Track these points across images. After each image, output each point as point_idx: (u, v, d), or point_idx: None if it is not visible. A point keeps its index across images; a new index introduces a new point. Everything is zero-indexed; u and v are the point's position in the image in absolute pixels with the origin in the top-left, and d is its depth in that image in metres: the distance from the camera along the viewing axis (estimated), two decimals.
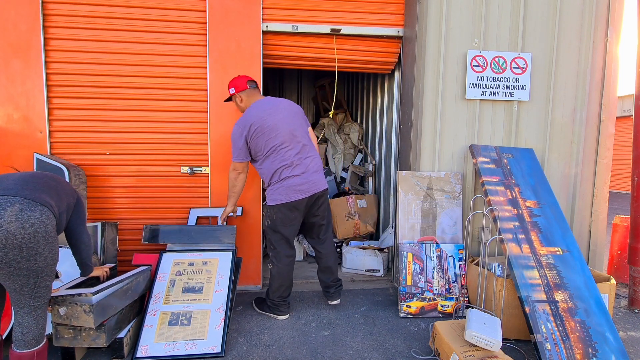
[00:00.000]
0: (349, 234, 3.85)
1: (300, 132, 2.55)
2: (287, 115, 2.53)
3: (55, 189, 1.76)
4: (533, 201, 2.70)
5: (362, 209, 3.90)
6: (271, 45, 3.12)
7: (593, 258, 3.14)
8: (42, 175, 1.80)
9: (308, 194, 2.49)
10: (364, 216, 3.91)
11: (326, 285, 2.77)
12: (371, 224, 3.93)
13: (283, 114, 2.52)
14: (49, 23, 2.83)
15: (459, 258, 2.79)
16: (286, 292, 2.64)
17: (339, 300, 2.80)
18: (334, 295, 2.77)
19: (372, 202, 4.01)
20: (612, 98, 3.09)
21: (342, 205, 3.83)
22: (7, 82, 2.79)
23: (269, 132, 2.46)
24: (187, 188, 3.07)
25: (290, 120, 2.53)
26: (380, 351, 2.28)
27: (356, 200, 3.90)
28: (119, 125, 2.97)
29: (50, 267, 1.66)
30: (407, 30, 3.16)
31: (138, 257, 2.68)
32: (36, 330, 1.66)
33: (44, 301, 1.68)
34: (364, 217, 3.90)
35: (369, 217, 3.94)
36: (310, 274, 3.51)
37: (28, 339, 1.64)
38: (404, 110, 3.30)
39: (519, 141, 3.06)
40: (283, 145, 2.47)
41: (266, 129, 2.45)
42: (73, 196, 1.88)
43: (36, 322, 1.66)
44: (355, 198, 3.91)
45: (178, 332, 2.23)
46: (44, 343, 1.71)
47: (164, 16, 2.93)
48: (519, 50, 2.99)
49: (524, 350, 2.30)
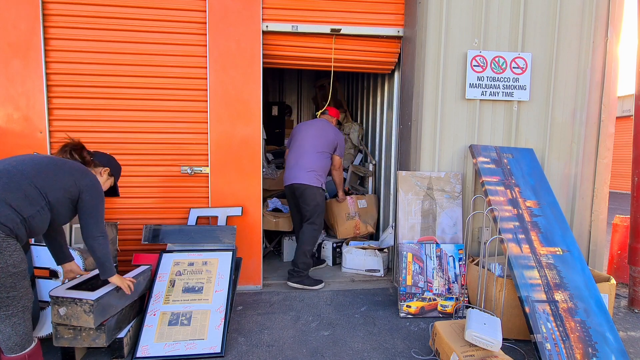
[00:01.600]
0: (349, 234, 3.84)
1: (311, 144, 3.30)
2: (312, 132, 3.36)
3: (44, 180, 1.67)
4: (533, 201, 2.70)
5: (362, 209, 3.90)
6: (271, 45, 3.12)
7: (593, 258, 3.14)
8: (33, 162, 1.71)
9: (287, 183, 3.32)
10: (364, 216, 3.90)
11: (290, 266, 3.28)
12: (371, 224, 3.93)
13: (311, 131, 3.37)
14: (49, 23, 2.83)
15: (459, 258, 2.79)
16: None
17: (292, 283, 3.18)
18: (290, 277, 3.21)
19: (372, 202, 4.01)
20: (612, 98, 3.09)
21: (342, 206, 3.82)
22: (7, 82, 2.79)
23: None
24: (187, 188, 3.07)
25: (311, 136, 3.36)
26: (380, 351, 2.28)
27: (356, 200, 3.90)
28: (119, 125, 2.97)
29: (3, 279, 1.59)
30: (407, 30, 3.16)
31: (138, 257, 2.68)
32: (17, 337, 1.65)
33: (16, 310, 1.65)
34: (364, 217, 3.89)
35: (369, 217, 3.94)
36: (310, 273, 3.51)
37: (11, 345, 1.64)
38: (404, 110, 3.30)
39: (519, 141, 3.05)
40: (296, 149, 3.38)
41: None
42: (77, 185, 1.78)
43: (14, 329, 1.64)
44: (355, 198, 3.90)
45: (178, 332, 2.23)
46: (33, 346, 1.71)
47: (164, 16, 2.93)
48: (519, 50, 2.99)
49: (524, 350, 2.30)
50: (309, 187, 3.20)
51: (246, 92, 3.03)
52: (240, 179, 3.08)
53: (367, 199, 3.99)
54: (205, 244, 2.77)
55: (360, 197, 4.00)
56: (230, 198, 3.07)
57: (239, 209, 3.02)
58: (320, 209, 3.25)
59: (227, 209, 3.02)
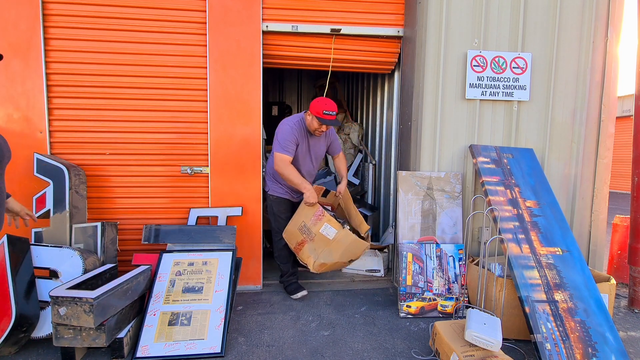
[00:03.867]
0: (291, 244, 3.36)
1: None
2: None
3: None
4: (533, 201, 2.70)
5: (322, 236, 2.79)
6: (271, 45, 3.12)
7: (593, 258, 3.14)
8: None
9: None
10: (320, 247, 3.04)
11: None
12: (325, 263, 2.74)
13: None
14: (49, 23, 2.83)
15: (459, 258, 2.79)
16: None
17: (280, 282, 3.15)
18: (279, 277, 3.16)
19: (345, 241, 2.63)
20: (612, 98, 3.09)
21: (306, 210, 2.89)
22: (7, 82, 2.79)
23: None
24: (187, 188, 3.07)
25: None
26: (380, 351, 2.28)
27: (325, 218, 2.69)
28: (119, 125, 2.97)
29: None
30: (407, 30, 3.16)
31: (138, 257, 2.68)
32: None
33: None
34: (318, 247, 3.11)
35: (326, 253, 2.78)
36: (310, 274, 3.50)
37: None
38: (404, 110, 3.30)
39: (519, 141, 3.05)
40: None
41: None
42: None
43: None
44: (326, 215, 2.66)
45: (178, 332, 2.23)
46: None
47: (164, 16, 2.93)
48: (519, 50, 2.99)
49: (524, 350, 2.30)
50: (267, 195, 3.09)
51: (246, 92, 3.03)
52: (240, 179, 3.08)
53: (341, 233, 2.57)
54: (205, 244, 2.77)
55: (334, 222, 2.60)
56: (230, 198, 3.07)
57: (239, 209, 3.02)
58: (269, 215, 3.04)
59: (227, 209, 3.02)
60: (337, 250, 2.61)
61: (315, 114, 2.65)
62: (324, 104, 2.64)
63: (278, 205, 2.96)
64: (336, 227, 2.59)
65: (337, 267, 2.79)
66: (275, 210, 2.97)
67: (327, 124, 2.67)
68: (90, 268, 2.37)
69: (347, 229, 2.64)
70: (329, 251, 2.62)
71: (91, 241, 2.59)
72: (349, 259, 2.70)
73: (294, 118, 2.81)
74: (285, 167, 2.66)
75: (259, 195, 3.13)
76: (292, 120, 2.79)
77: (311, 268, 2.67)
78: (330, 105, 2.66)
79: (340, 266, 2.81)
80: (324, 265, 2.66)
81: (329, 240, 2.59)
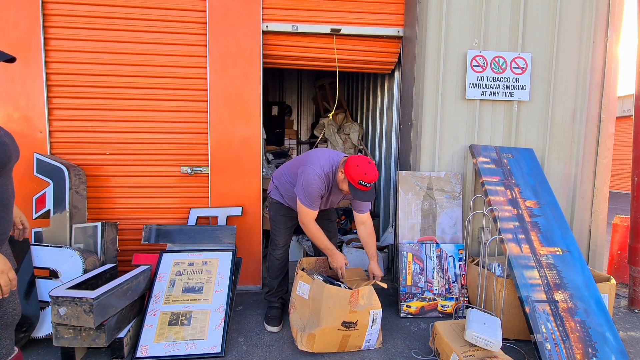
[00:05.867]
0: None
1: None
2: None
3: None
4: (533, 201, 2.70)
5: (299, 297, 2.63)
6: (271, 45, 3.12)
7: (593, 258, 3.14)
8: None
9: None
10: (300, 308, 2.91)
11: None
12: (303, 332, 2.54)
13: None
14: (49, 23, 2.83)
15: (459, 258, 2.79)
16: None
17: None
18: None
19: (318, 296, 2.39)
20: (612, 98, 3.09)
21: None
22: (7, 82, 2.79)
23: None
24: (187, 188, 3.07)
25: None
26: (380, 351, 2.28)
27: (299, 278, 2.64)
28: (119, 125, 2.97)
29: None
30: (407, 30, 3.16)
31: (138, 257, 2.68)
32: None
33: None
34: (298, 309, 2.96)
35: (298, 318, 2.61)
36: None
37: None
38: (404, 110, 3.30)
39: (519, 141, 3.05)
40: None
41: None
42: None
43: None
44: (298, 275, 2.51)
45: (178, 332, 2.23)
46: (13, 356, 1.70)
47: (164, 16, 2.93)
48: (519, 50, 2.99)
49: (524, 350, 2.30)
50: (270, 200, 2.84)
51: (246, 92, 3.03)
52: (240, 179, 3.08)
53: (314, 287, 2.20)
54: (205, 244, 2.77)
55: (305, 277, 2.28)
56: (230, 198, 3.07)
57: (239, 209, 3.02)
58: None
59: (227, 209, 3.02)
60: (318, 310, 2.07)
61: (350, 179, 2.21)
62: (363, 172, 2.16)
63: (276, 210, 2.70)
64: (307, 281, 2.23)
65: (337, 340, 2.13)
66: (272, 215, 2.73)
67: (357, 197, 2.24)
68: (90, 268, 2.37)
69: (317, 279, 2.18)
70: (311, 315, 2.13)
71: (91, 241, 2.59)
72: (342, 320, 2.07)
73: (324, 167, 2.36)
74: (313, 226, 2.40)
75: (259, 195, 3.13)
76: (323, 170, 2.35)
77: (299, 344, 2.15)
78: (370, 175, 2.17)
79: (342, 340, 2.14)
80: (313, 336, 2.08)
81: (306, 300, 2.17)
